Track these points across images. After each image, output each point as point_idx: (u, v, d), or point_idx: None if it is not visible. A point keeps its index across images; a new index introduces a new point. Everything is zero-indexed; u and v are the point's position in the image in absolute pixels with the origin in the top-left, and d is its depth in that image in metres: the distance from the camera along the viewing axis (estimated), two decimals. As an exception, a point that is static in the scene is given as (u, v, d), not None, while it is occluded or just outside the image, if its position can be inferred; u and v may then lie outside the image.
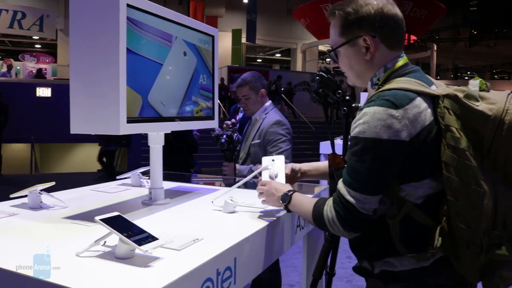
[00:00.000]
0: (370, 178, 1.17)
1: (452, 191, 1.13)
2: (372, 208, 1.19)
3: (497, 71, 31.77)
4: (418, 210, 1.20)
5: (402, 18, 1.29)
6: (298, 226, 1.83)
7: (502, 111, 1.12)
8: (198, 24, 2.01)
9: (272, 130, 2.79)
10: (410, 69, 1.29)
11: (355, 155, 1.18)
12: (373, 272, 1.29)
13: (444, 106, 1.16)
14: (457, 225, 1.14)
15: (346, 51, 1.32)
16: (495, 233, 1.14)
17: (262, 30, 21.74)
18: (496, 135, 1.12)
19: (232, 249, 1.28)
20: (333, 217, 1.22)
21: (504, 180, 1.14)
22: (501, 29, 25.58)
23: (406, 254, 1.20)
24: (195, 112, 2.02)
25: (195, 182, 2.49)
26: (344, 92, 1.41)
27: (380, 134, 1.13)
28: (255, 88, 2.91)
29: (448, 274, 1.21)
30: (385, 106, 1.14)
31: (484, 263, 1.16)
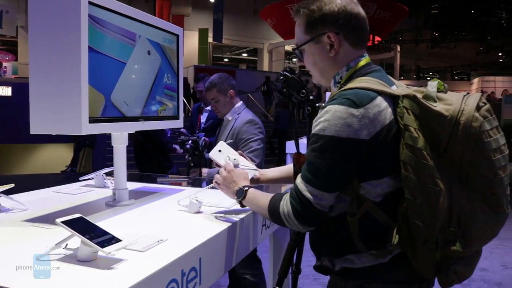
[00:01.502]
0: (328, 175, 1.19)
1: (410, 190, 1.16)
2: (328, 204, 1.22)
3: (457, 72, 32.73)
4: (377, 208, 1.22)
5: (365, 17, 1.32)
6: (264, 225, 1.84)
7: (458, 111, 1.14)
8: (162, 23, 1.99)
9: (245, 129, 2.79)
10: (372, 69, 1.32)
11: (315, 152, 1.20)
12: (334, 269, 1.31)
13: (404, 106, 1.18)
14: (414, 223, 1.16)
15: (311, 49, 1.34)
16: (450, 230, 1.16)
17: (229, 29, 21.69)
18: (452, 135, 1.14)
19: (197, 249, 1.28)
20: (289, 212, 1.24)
21: (459, 179, 1.17)
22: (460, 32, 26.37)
23: (365, 251, 1.22)
24: (160, 111, 2.00)
25: (161, 182, 2.46)
26: (308, 91, 1.42)
27: (340, 132, 1.15)
28: (223, 90, 2.90)
29: (405, 270, 1.24)
30: (346, 105, 1.16)
31: (440, 259, 1.19)
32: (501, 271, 4.44)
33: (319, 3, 1.29)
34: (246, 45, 25.45)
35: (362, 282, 1.27)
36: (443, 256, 1.19)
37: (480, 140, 1.13)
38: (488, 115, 1.16)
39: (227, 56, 27.74)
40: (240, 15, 23.02)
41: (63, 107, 1.46)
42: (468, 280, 3.99)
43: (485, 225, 1.17)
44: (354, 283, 1.28)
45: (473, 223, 1.16)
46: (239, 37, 23.56)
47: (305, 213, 1.22)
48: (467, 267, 1.26)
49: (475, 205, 1.16)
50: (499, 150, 1.16)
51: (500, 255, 4.91)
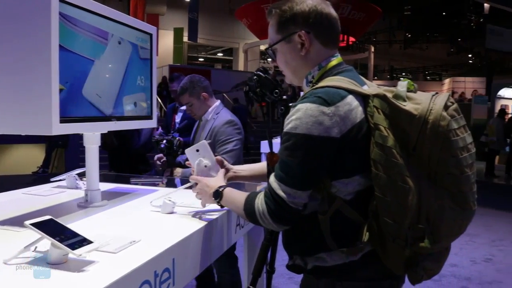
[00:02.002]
0: (300, 173, 1.20)
1: (380, 188, 1.17)
2: (301, 202, 1.23)
3: (429, 73, 33.34)
4: (347, 206, 1.23)
5: (336, 18, 1.34)
6: (238, 225, 1.84)
7: (427, 111, 1.16)
8: (135, 22, 1.97)
9: (223, 130, 2.78)
10: (344, 69, 1.34)
11: (287, 150, 1.21)
12: (306, 268, 1.32)
13: (374, 105, 1.20)
14: (384, 220, 1.18)
15: (283, 48, 1.36)
16: (419, 227, 1.18)
17: (204, 29, 21.59)
18: (420, 134, 1.16)
19: (170, 250, 1.27)
20: (264, 211, 1.25)
21: (428, 177, 1.19)
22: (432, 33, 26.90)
23: (336, 249, 1.24)
24: (133, 111, 1.98)
25: (135, 183, 2.44)
26: (281, 91, 1.43)
27: (312, 130, 1.16)
28: (195, 93, 2.88)
29: (376, 267, 1.25)
30: (317, 103, 1.18)
31: (409, 256, 1.21)
32: (470, 266, 4.55)
33: (291, 4, 1.32)
34: (221, 45, 25.39)
35: (334, 280, 1.28)
36: (412, 253, 1.20)
37: (448, 138, 1.15)
38: (455, 114, 1.19)
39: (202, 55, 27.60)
40: (216, 14, 22.94)
41: (32, 106, 1.43)
42: (439, 276, 4.10)
43: (452, 222, 1.19)
44: (326, 281, 1.30)
45: (441, 220, 1.18)
46: (214, 36, 23.48)
47: (280, 212, 1.23)
48: (436, 264, 1.28)
49: (443, 202, 1.18)
50: (466, 148, 1.18)
51: (469, 251, 5.04)
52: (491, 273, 4.38)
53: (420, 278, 1.26)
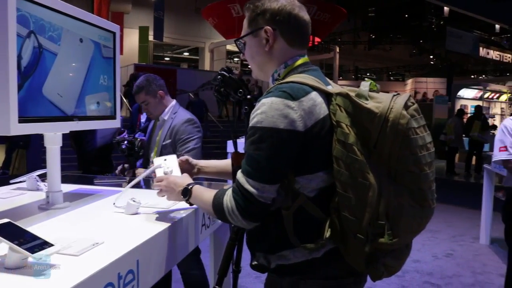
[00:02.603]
0: (268, 167, 1.21)
1: (341, 184, 1.20)
2: (270, 197, 1.23)
3: (392, 73, 34.05)
4: (311, 202, 1.25)
5: (306, 21, 1.38)
6: (204, 225, 1.83)
7: (387, 109, 1.19)
8: (98, 20, 1.93)
9: (184, 128, 2.78)
10: (309, 68, 1.37)
11: (253, 145, 1.22)
12: (269, 267, 1.33)
13: (337, 104, 1.23)
14: (345, 216, 1.20)
15: (250, 41, 1.40)
16: (379, 223, 1.20)
17: (170, 28, 21.36)
18: (381, 132, 1.19)
19: (134, 251, 1.25)
20: (233, 207, 1.25)
21: (388, 174, 1.21)
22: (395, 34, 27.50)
23: (299, 245, 1.25)
24: (96, 111, 1.94)
25: (98, 184, 2.39)
26: (246, 91, 1.43)
27: (277, 123, 1.18)
28: (151, 92, 2.85)
29: (339, 265, 1.27)
30: (282, 97, 1.20)
31: (370, 252, 1.22)
32: (432, 261, 4.69)
33: (264, 0, 1.36)
34: (187, 44, 25.17)
35: (297, 278, 1.30)
36: (372, 249, 1.22)
37: (407, 136, 1.18)
38: (415, 114, 1.22)
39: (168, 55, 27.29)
40: (182, 13, 22.72)
41: (-11, 106, 1.38)
42: (403, 272, 4.21)
43: (411, 219, 1.21)
44: (289, 280, 1.31)
45: (401, 217, 1.20)
46: (180, 35, 23.25)
47: (249, 207, 1.23)
48: (397, 261, 1.30)
49: (402, 199, 1.20)
50: (425, 147, 1.21)
51: (431, 246, 5.18)
52: (452, 267, 4.52)
53: (381, 275, 1.28)
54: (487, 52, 24.57)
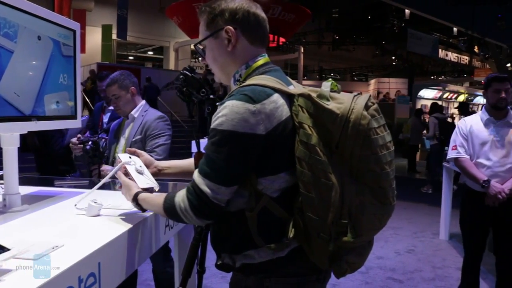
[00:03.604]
0: (224, 169, 1.22)
1: (304, 184, 1.21)
2: (224, 199, 1.24)
3: (356, 73, 34.66)
4: (274, 203, 1.26)
5: (264, 19, 1.39)
6: (167, 225, 1.82)
7: (348, 110, 1.21)
8: (57, 18, 1.88)
9: (155, 125, 2.81)
10: (270, 68, 1.37)
11: (213, 146, 1.23)
12: (235, 266, 1.33)
13: (299, 105, 1.24)
14: (309, 216, 1.21)
15: (211, 44, 1.40)
16: (342, 222, 1.22)
17: (134, 26, 21.04)
18: (342, 132, 1.20)
19: (95, 254, 1.23)
20: (186, 206, 1.26)
21: (350, 173, 1.23)
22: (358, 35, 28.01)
23: (263, 245, 1.26)
24: (55, 110, 1.89)
25: (59, 185, 2.33)
26: (208, 91, 1.43)
27: (237, 127, 1.18)
28: (124, 86, 2.84)
29: (303, 263, 1.29)
30: (243, 100, 1.20)
31: (333, 250, 1.24)
32: (394, 257, 4.80)
33: (220, 1, 1.36)
34: (151, 43, 24.84)
35: (262, 277, 1.31)
36: (336, 247, 1.24)
37: (368, 136, 1.20)
38: (376, 114, 1.24)
39: (132, 54, 26.88)
40: (146, 12, 22.41)
41: None
42: (366, 268, 4.29)
43: (373, 216, 1.24)
44: (254, 278, 1.32)
45: (363, 215, 1.23)
46: (144, 34, 22.92)
47: (202, 207, 1.24)
48: (359, 257, 1.33)
49: (364, 198, 1.23)
50: (385, 146, 1.24)
51: (394, 243, 5.31)
52: (413, 263, 4.65)
53: (344, 272, 1.31)
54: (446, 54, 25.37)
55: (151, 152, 2.76)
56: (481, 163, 3.08)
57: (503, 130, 3.05)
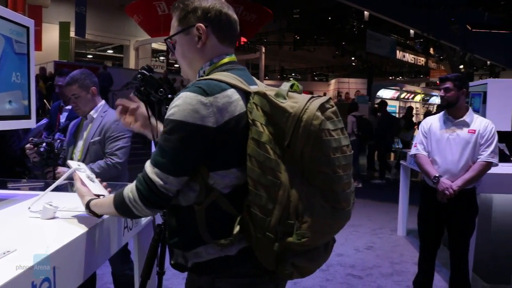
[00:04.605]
0: (174, 159, 1.23)
1: (253, 181, 1.21)
2: (173, 189, 1.25)
3: (317, 73, 35.12)
4: (224, 199, 1.26)
5: (235, 20, 1.42)
6: (126, 227, 1.79)
7: (302, 109, 1.19)
8: (9, 13, 1.82)
9: (115, 126, 2.74)
10: (234, 67, 1.38)
11: (163, 135, 1.24)
12: (187, 266, 1.33)
13: (254, 102, 1.24)
14: (256, 214, 1.21)
15: (181, 40, 1.41)
16: (288, 223, 1.19)
17: (93, 24, 20.56)
18: (294, 131, 1.18)
19: (50, 258, 1.19)
20: (135, 197, 1.26)
21: (301, 174, 1.21)
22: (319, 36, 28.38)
23: (210, 241, 1.26)
24: (7, 110, 1.82)
25: (12, 188, 2.25)
26: (167, 90, 1.41)
27: (187, 117, 1.20)
28: (85, 86, 2.77)
29: (254, 263, 1.26)
30: (197, 92, 1.22)
31: (279, 251, 1.21)
32: (354, 254, 4.89)
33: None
34: (111, 42, 24.37)
35: (213, 277, 1.30)
36: (282, 248, 1.21)
37: (319, 137, 1.18)
38: (333, 116, 1.23)
39: (91, 52, 26.27)
40: (105, 9, 21.96)
41: None
42: (326, 265, 4.35)
43: (322, 220, 1.20)
44: (206, 278, 1.32)
45: (310, 217, 1.19)
46: (104, 32, 22.46)
47: (151, 196, 1.24)
48: (311, 262, 1.29)
49: (314, 200, 1.20)
50: (340, 149, 1.22)
51: (353, 240, 5.41)
52: (372, 259, 4.75)
53: (290, 275, 1.25)
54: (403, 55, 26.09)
55: (111, 155, 2.71)
56: (435, 160, 3.20)
57: (459, 129, 3.17)
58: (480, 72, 28.24)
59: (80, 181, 1.55)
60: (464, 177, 3.09)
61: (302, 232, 1.19)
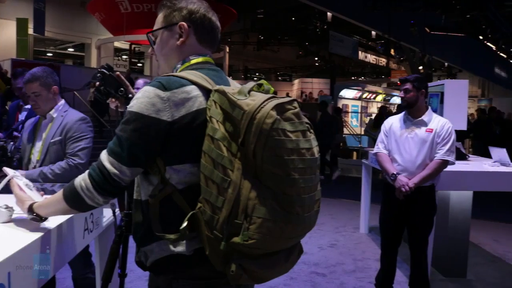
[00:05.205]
0: (127, 149, 1.24)
1: (205, 178, 1.21)
2: (125, 179, 1.26)
3: (280, 73, 35.29)
4: (179, 194, 1.27)
5: (217, 27, 1.48)
6: (86, 229, 1.75)
7: (257, 107, 1.17)
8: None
9: (77, 127, 2.71)
10: (205, 66, 1.41)
11: (120, 125, 1.27)
12: (146, 265, 1.33)
13: (213, 100, 1.25)
14: (204, 211, 1.20)
15: (163, 36, 1.45)
16: (236, 222, 1.17)
17: (53, 21, 19.94)
18: (247, 129, 1.16)
19: (4, 263, 1.15)
20: (87, 185, 1.27)
21: (254, 173, 1.19)
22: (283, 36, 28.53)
23: (162, 235, 1.26)
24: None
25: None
26: (127, 90, 1.40)
27: (143, 109, 1.24)
28: (46, 84, 2.71)
29: (211, 264, 1.24)
30: (156, 86, 1.26)
31: (227, 251, 1.19)
32: (317, 252, 4.97)
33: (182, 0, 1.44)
34: (72, 40, 23.70)
35: (170, 278, 1.30)
36: (230, 249, 1.19)
37: (271, 137, 1.15)
38: (294, 118, 1.21)
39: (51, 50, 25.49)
40: (65, 6, 21.33)
41: None
42: (291, 264, 4.39)
43: (272, 223, 1.16)
44: (164, 278, 1.32)
45: (260, 219, 1.16)
46: (64, 30, 21.81)
47: (103, 183, 1.25)
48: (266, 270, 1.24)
49: (265, 201, 1.17)
50: (296, 152, 1.19)
51: (317, 238, 5.49)
52: (335, 257, 4.83)
53: (238, 278, 1.20)
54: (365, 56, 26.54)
55: (73, 156, 2.65)
56: (395, 159, 3.29)
57: (417, 128, 3.26)
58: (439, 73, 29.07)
59: (18, 187, 1.52)
60: (421, 174, 3.19)
61: (249, 233, 1.15)
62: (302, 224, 1.23)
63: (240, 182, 1.17)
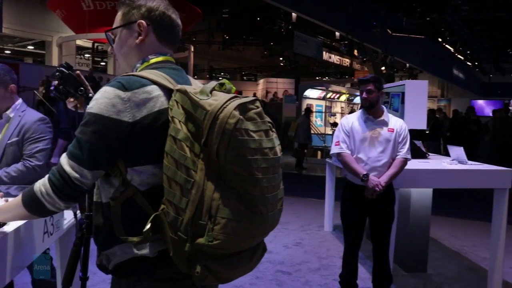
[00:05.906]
0: (87, 151, 1.21)
1: (168, 179, 1.19)
2: (86, 182, 1.24)
3: (246, 73, 35.35)
4: (141, 196, 1.25)
5: (178, 24, 1.46)
6: (46, 232, 1.70)
7: (220, 107, 1.16)
8: None
9: (36, 127, 2.62)
10: (165, 66, 1.39)
11: (80, 127, 1.24)
12: (108, 268, 1.30)
13: (175, 99, 1.23)
14: (168, 212, 1.19)
15: (121, 34, 1.43)
16: (200, 223, 1.16)
17: (11, 18, 19.29)
18: (210, 129, 1.16)
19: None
20: (47, 190, 1.23)
21: (218, 173, 1.18)
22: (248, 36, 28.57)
23: (124, 237, 1.24)
24: None
25: None
26: (88, 89, 1.37)
27: (103, 110, 1.21)
28: (3, 82, 2.61)
29: (175, 266, 1.23)
30: (116, 87, 1.23)
31: (191, 252, 1.18)
32: (283, 251, 5.00)
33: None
34: (32, 37, 22.99)
35: (134, 281, 1.28)
36: (194, 250, 1.18)
37: (234, 137, 1.15)
38: (256, 118, 1.21)
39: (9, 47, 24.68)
40: (25, 2, 20.68)
41: None
42: (256, 263, 4.40)
43: (237, 223, 1.16)
44: (127, 281, 1.30)
45: (224, 219, 1.16)
46: (23, 27, 21.13)
47: (64, 187, 1.22)
48: (229, 269, 1.24)
49: (229, 202, 1.16)
50: (259, 151, 1.19)
51: (282, 237, 5.52)
52: (301, 255, 4.87)
53: (203, 279, 1.20)
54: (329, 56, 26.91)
55: (30, 157, 2.57)
56: (360, 158, 3.34)
57: (380, 128, 3.33)
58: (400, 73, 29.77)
59: None
60: (388, 173, 3.26)
61: (214, 234, 1.15)
62: (266, 223, 1.24)
63: (204, 183, 1.16)
